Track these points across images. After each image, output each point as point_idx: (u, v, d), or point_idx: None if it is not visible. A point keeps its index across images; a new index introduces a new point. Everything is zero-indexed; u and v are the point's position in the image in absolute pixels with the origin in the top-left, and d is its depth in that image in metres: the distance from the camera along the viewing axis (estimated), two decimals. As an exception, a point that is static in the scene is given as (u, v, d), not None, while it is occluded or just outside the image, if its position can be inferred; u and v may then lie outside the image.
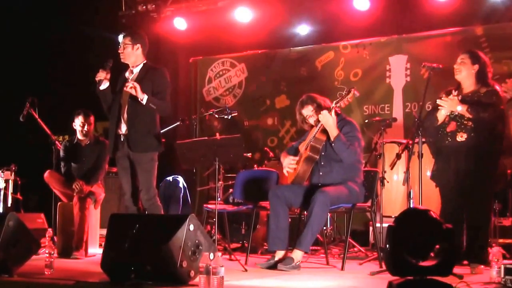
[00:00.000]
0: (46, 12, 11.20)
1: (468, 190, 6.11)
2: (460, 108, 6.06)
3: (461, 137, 6.15)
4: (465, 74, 6.26)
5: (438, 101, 6.13)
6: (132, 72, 6.59)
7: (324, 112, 6.28)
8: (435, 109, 6.30)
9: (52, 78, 11.49)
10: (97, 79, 6.49)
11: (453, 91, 6.14)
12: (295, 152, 6.75)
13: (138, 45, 6.57)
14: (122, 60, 6.61)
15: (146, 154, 6.44)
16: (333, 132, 6.27)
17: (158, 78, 6.52)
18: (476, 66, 6.24)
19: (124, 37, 6.61)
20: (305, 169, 6.46)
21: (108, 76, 6.51)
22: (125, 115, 6.43)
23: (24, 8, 11.22)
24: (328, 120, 6.27)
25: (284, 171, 6.69)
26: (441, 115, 6.23)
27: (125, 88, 6.31)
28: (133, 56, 6.56)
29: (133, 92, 6.22)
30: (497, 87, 6.23)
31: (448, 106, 6.11)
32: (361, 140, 6.51)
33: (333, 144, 6.29)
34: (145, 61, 6.62)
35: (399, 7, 9.54)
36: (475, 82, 6.26)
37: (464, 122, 6.14)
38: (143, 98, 6.24)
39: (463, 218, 6.13)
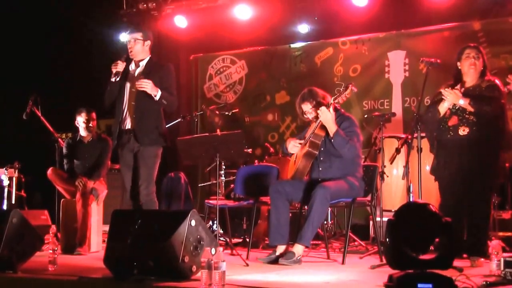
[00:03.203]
0: (48, 11, 11.22)
1: (470, 184, 6.10)
2: (462, 102, 6.04)
3: (463, 131, 6.13)
4: (478, 68, 6.27)
5: (443, 91, 6.11)
6: (137, 65, 6.60)
7: (323, 108, 6.29)
8: (436, 102, 6.28)
9: (54, 76, 11.52)
10: (115, 70, 6.45)
11: (459, 86, 6.12)
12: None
13: (148, 41, 6.60)
14: (130, 56, 6.59)
15: (153, 148, 6.46)
16: (332, 128, 6.29)
17: (166, 74, 6.54)
18: (482, 61, 6.27)
19: (134, 31, 6.61)
20: (305, 165, 6.49)
21: (123, 68, 6.51)
22: (132, 109, 6.45)
23: (27, 6, 11.25)
24: (327, 116, 6.29)
25: (292, 151, 6.72)
26: (443, 107, 6.19)
27: (137, 85, 6.30)
28: (142, 52, 6.59)
29: (147, 89, 6.25)
30: (497, 81, 6.23)
31: (451, 99, 6.09)
32: (360, 135, 6.53)
33: (332, 140, 6.32)
34: (150, 56, 6.65)
35: (397, 2, 9.57)
36: (478, 76, 6.26)
37: (466, 116, 6.12)
38: (157, 94, 6.28)
39: (464, 212, 6.15)
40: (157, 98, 6.30)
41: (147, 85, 6.25)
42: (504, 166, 6.41)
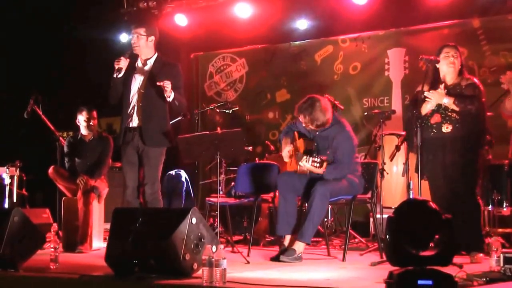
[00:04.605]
0: (49, 10, 11.23)
1: (456, 181, 6.12)
2: (447, 101, 6.06)
3: (447, 128, 6.13)
4: (457, 67, 6.29)
5: (426, 93, 6.13)
6: (145, 64, 6.58)
7: (304, 163, 6.22)
8: (418, 101, 6.28)
9: (55, 75, 11.53)
10: (117, 66, 6.40)
11: (440, 85, 6.15)
12: (292, 139, 6.76)
13: (152, 37, 6.59)
14: (135, 51, 6.56)
15: (158, 148, 6.49)
16: (319, 172, 6.26)
17: (177, 75, 6.53)
18: (460, 60, 6.30)
19: (138, 27, 6.58)
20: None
21: (126, 65, 6.48)
22: (140, 109, 6.45)
23: (27, 6, 11.26)
24: (309, 168, 6.28)
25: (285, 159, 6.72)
26: (426, 108, 6.20)
27: (163, 85, 6.22)
28: (147, 48, 6.57)
29: (167, 89, 6.23)
30: (476, 80, 6.27)
31: (435, 99, 6.11)
32: (354, 139, 6.52)
33: (324, 176, 6.32)
34: (157, 54, 6.64)
35: (396, 0, 9.58)
36: (456, 75, 6.29)
37: (449, 113, 6.13)
38: (171, 95, 6.28)
39: (453, 208, 6.15)
40: (170, 99, 6.29)
41: (168, 86, 6.24)
42: (482, 165, 6.42)
